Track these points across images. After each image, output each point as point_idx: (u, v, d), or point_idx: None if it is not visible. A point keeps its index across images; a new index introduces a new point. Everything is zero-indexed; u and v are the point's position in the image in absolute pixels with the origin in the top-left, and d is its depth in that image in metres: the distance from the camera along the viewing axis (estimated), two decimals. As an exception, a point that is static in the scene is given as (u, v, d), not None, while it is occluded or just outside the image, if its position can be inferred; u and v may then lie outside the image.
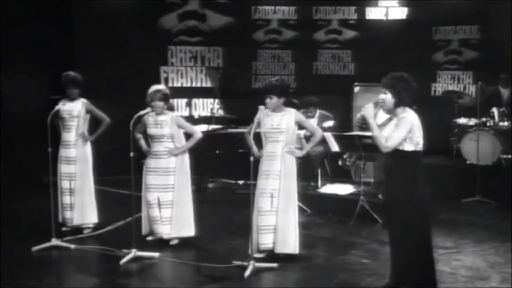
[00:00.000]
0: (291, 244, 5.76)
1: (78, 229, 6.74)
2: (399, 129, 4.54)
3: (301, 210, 7.71)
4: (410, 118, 4.57)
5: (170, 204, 6.24)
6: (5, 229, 6.74)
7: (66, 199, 6.68)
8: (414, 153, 4.56)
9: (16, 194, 8.54)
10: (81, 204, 6.69)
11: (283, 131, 5.75)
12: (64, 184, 6.68)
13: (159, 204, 6.25)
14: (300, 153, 5.92)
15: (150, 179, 6.28)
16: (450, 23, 10.81)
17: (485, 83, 9.21)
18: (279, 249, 5.76)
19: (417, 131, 4.58)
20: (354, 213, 7.20)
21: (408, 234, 4.58)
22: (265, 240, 5.76)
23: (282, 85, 5.84)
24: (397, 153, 4.57)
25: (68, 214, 6.69)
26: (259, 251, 5.80)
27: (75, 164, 6.68)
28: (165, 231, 6.26)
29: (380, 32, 10.98)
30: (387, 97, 4.63)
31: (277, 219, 5.72)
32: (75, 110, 6.70)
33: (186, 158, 6.34)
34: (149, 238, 6.39)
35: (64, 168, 6.69)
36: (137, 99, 6.62)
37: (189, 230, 6.33)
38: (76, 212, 6.68)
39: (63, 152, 6.71)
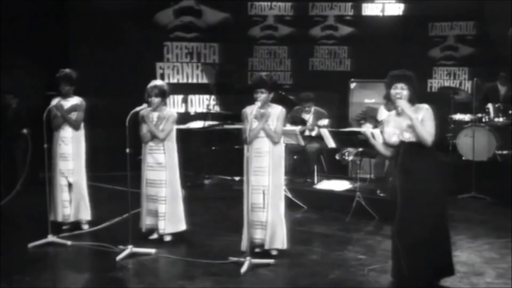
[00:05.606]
0: (280, 239, 5.81)
1: (75, 226, 6.74)
2: (431, 120, 4.67)
3: (297, 206, 7.77)
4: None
5: (164, 199, 6.25)
6: (1, 226, 6.72)
7: (66, 196, 6.68)
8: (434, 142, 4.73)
9: (11, 190, 8.51)
10: (78, 200, 6.70)
11: (270, 127, 5.79)
12: (63, 180, 6.69)
13: (157, 199, 6.27)
14: (260, 126, 5.76)
15: (149, 174, 6.30)
16: (446, 19, 10.84)
17: (481, 79, 9.23)
18: (269, 245, 5.79)
19: None
20: (350, 209, 7.21)
21: (442, 223, 4.80)
22: (258, 235, 5.82)
23: (271, 80, 5.89)
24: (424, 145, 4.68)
25: (67, 211, 6.69)
26: (256, 246, 5.82)
27: (73, 160, 6.69)
28: (160, 226, 6.28)
29: (377, 28, 11.00)
30: (406, 91, 4.75)
31: (267, 215, 5.76)
32: (72, 108, 6.70)
33: (175, 153, 6.34)
34: (153, 236, 6.38)
35: (62, 165, 6.70)
36: (133, 95, 6.61)
37: (181, 224, 6.37)
38: (72, 208, 6.69)
39: (60, 149, 6.71)
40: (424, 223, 4.69)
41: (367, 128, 5.00)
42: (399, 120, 4.80)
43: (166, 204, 6.25)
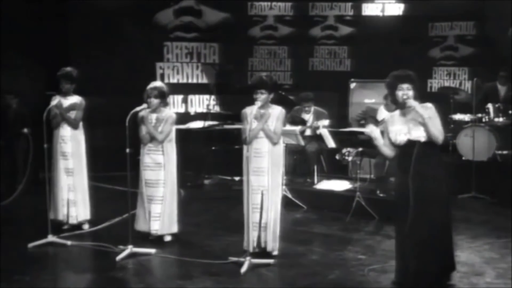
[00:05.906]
0: (276, 240, 5.82)
1: (75, 226, 6.73)
2: (437, 117, 4.77)
3: (297, 206, 7.77)
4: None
5: (161, 200, 6.25)
6: (1, 226, 6.72)
7: (66, 195, 6.68)
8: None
9: (12, 190, 8.51)
10: (78, 200, 6.70)
11: (269, 128, 5.79)
12: (63, 179, 6.68)
13: (152, 199, 6.26)
14: (260, 126, 5.79)
15: (147, 174, 6.29)
16: (446, 19, 10.83)
17: (480, 79, 9.23)
18: (270, 246, 5.79)
19: None
20: (350, 209, 7.21)
21: (448, 221, 4.86)
22: (256, 237, 5.81)
23: (271, 81, 5.90)
24: (432, 143, 4.77)
25: (68, 211, 6.68)
26: (257, 247, 5.83)
27: (72, 159, 6.70)
28: (154, 227, 6.26)
29: (377, 28, 10.99)
30: (411, 92, 4.80)
31: (267, 216, 5.77)
32: (71, 106, 6.70)
33: (174, 155, 6.34)
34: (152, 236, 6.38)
35: (63, 164, 6.69)
36: (133, 95, 6.62)
37: (174, 226, 6.35)
38: (78, 208, 6.70)
39: (60, 148, 6.71)
40: (435, 222, 4.73)
41: (371, 129, 4.98)
42: (406, 120, 4.82)
43: (162, 204, 6.24)
